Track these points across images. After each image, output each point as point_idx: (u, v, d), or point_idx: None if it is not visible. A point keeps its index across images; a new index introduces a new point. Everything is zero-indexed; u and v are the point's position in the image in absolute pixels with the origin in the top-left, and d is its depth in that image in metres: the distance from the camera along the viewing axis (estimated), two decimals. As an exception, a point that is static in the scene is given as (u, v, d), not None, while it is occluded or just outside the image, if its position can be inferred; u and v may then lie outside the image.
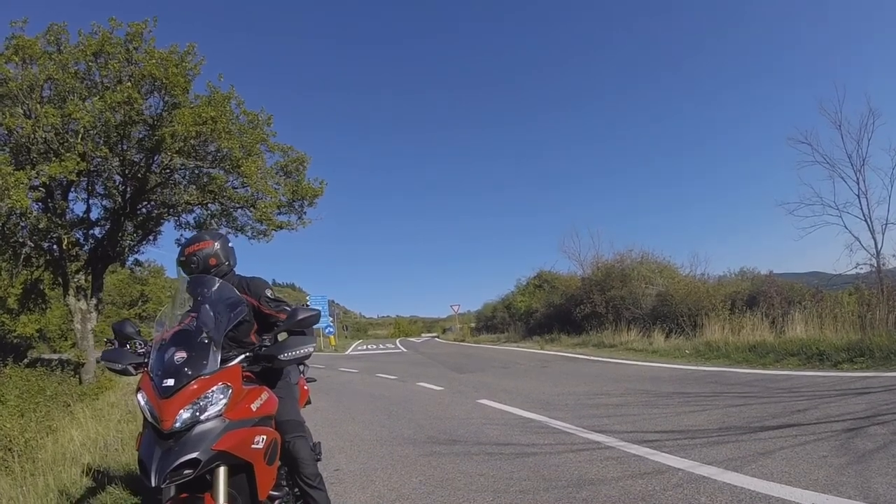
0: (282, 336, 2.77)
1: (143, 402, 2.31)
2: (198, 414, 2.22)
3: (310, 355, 2.67)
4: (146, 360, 2.52)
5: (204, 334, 2.44)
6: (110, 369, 2.64)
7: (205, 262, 3.02)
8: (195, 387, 2.25)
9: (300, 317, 2.69)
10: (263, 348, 2.60)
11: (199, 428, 2.21)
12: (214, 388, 2.29)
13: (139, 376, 2.51)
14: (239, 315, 2.67)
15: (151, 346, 2.53)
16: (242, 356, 2.54)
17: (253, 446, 2.36)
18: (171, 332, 2.51)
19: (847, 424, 4.55)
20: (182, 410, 2.19)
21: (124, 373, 2.59)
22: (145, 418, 2.32)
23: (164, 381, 2.25)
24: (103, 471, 5.03)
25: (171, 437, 2.17)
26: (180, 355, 2.33)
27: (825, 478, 3.35)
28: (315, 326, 2.95)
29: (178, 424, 2.17)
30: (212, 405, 2.26)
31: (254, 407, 2.46)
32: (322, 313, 4.70)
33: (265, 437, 2.44)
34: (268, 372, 2.77)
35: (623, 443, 4.76)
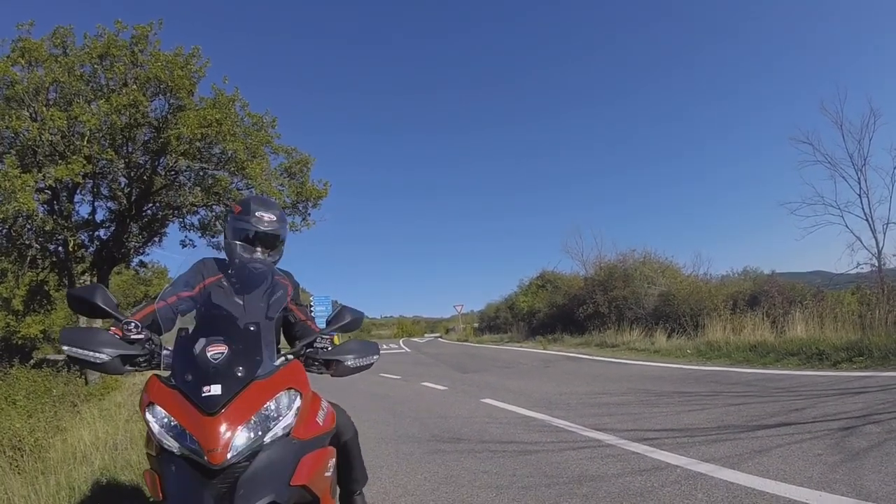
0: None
1: (163, 425, 1.59)
2: (261, 434, 1.59)
3: (372, 365, 2.17)
4: (146, 354, 1.85)
5: (247, 319, 1.87)
6: (76, 360, 1.74)
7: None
8: (253, 395, 1.63)
9: (349, 318, 2.23)
10: (323, 349, 2.07)
11: (265, 456, 1.59)
12: (280, 394, 1.68)
13: (136, 376, 1.87)
14: (281, 302, 2.27)
15: (147, 332, 1.89)
16: (302, 347, 2.04)
17: (326, 474, 1.81)
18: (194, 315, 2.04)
19: (843, 423, 4.63)
20: (238, 431, 1.55)
21: (104, 368, 1.75)
22: (163, 450, 1.60)
23: (205, 387, 1.58)
24: (114, 470, 5.12)
25: (221, 474, 1.53)
26: (218, 349, 1.66)
27: (819, 475, 3.43)
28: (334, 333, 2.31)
29: (232, 454, 1.51)
30: (276, 421, 1.64)
31: (320, 419, 1.90)
32: (325, 313, 4.76)
33: (334, 459, 1.91)
34: None
35: (623, 441, 4.85)
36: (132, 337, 1.83)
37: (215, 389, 1.57)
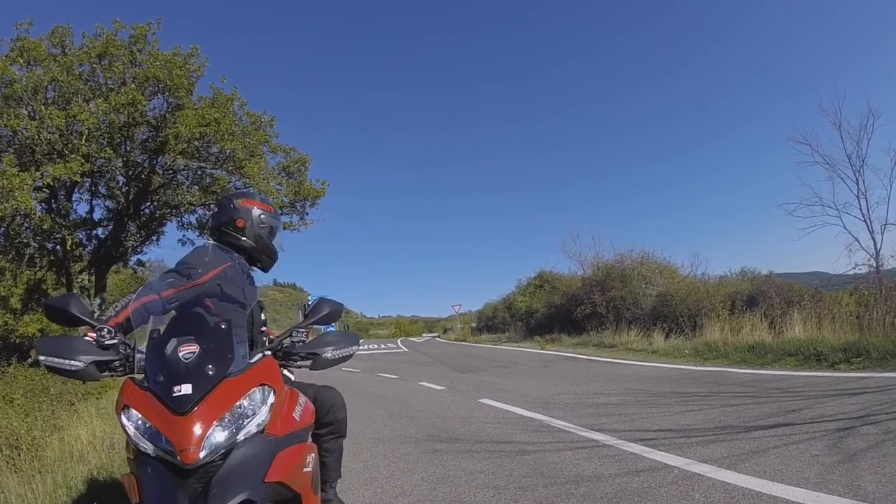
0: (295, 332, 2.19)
1: (138, 427, 1.59)
2: (234, 431, 1.58)
3: (351, 357, 2.14)
4: (121, 358, 1.81)
5: (218, 317, 1.88)
6: (53, 370, 1.72)
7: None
8: (225, 392, 1.61)
9: (327, 310, 2.14)
10: (300, 343, 2.03)
11: (239, 454, 1.58)
12: (252, 391, 1.66)
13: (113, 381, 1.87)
14: (253, 296, 2.24)
15: (122, 336, 1.85)
16: (279, 342, 2.01)
17: (305, 470, 1.78)
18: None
19: (840, 424, 4.63)
20: (212, 430, 1.54)
21: (79, 375, 1.72)
22: (140, 453, 1.60)
23: (175, 387, 1.57)
24: (111, 469, 5.12)
25: (196, 474, 1.52)
26: (189, 349, 1.65)
27: (816, 475, 3.44)
28: (316, 326, 2.32)
29: (205, 453, 1.51)
30: (250, 418, 1.62)
31: (296, 415, 1.89)
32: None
33: (314, 454, 1.89)
34: None
35: (620, 441, 4.85)
36: (106, 342, 1.79)
37: (186, 389, 1.56)
